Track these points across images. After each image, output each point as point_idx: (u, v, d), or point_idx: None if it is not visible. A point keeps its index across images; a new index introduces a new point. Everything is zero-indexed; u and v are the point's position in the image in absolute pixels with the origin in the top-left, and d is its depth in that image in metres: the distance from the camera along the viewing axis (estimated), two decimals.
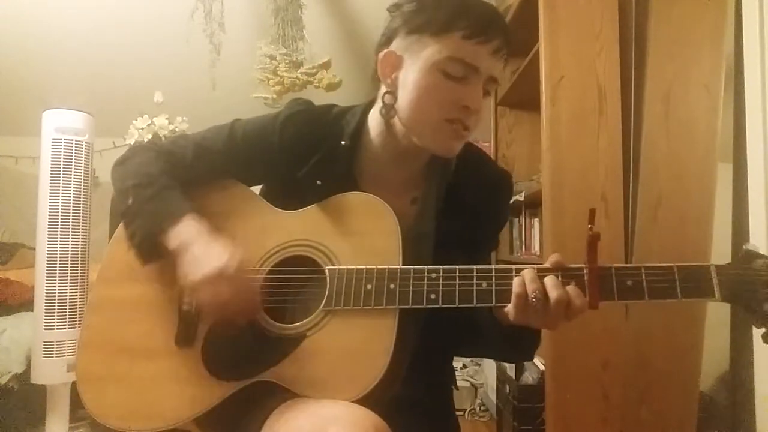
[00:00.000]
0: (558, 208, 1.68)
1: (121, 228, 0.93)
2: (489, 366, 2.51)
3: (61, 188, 2.15)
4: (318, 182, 0.90)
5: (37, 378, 2.13)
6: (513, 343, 0.84)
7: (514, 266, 0.78)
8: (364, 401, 0.75)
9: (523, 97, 2.49)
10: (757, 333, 0.74)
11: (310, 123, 0.94)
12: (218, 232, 0.86)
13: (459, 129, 0.85)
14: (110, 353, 0.89)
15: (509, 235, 2.56)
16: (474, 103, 0.84)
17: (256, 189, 0.99)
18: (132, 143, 2.55)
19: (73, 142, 2.18)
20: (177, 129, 2.59)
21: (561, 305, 0.74)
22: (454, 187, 0.92)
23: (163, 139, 2.54)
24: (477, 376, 2.78)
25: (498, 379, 2.26)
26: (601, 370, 1.66)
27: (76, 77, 3.17)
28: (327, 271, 0.83)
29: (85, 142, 2.22)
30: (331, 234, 0.86)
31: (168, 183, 0.91)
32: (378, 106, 0.91)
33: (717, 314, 1.71)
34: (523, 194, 2.26)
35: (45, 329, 2.11)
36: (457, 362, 2.83)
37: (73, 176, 2.17)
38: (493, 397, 2.39)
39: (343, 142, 0.92)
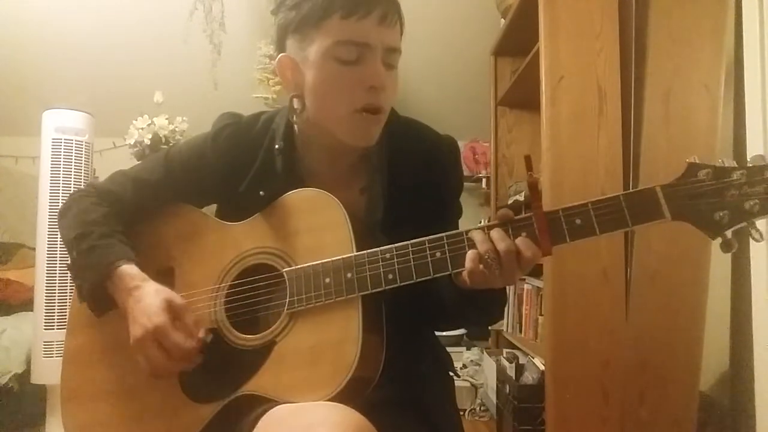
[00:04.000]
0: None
1: None
2: (489, 366, 2.51)
3: (61, 188, 2.14)
4: (261, 193, 0.89)
5: (37, 378, 2.13)
6: (479, 305, 0.83)
7: (464, 230, 0.77)
8: (349, 400, 0.73)
9: (523, 97, 2.49)
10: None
11: (240, 135, 0.93)
12: (156, 274, 0.87)
13: (369, 116, 0.84)
14: (92, 400, 0.90)
15: None
16: (376, 80, 0.82)
17: (211, 210, 0.98)
18: (132, 143, 2.55)
19: (73, 142, 2.18)
20: (177, 129, 2.59)
21: (510, 256, 0.73)
22: (397, 167, 0.91)
23: (163, 139, 2.54)
24: (477, 376, 2.78)
25: (498, 379, 2.26)
26: (601, 370, 1.66)
27: (76, 77, 3.17)
28: (285, 273, 0.83)
29: (85, 142, 2.22)
30: (282, 236, 0.86)
31: (106, 230, 0.90)
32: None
33: (717, 314, 1.71)
34: (523, 194, 2.26)
35: (45, 329, 2.11)
36: (457, 362, 2.83)
37: (73, 176, 2.17)
38: (493, 397, 2.39)
39: (277, 146, 0.91)
